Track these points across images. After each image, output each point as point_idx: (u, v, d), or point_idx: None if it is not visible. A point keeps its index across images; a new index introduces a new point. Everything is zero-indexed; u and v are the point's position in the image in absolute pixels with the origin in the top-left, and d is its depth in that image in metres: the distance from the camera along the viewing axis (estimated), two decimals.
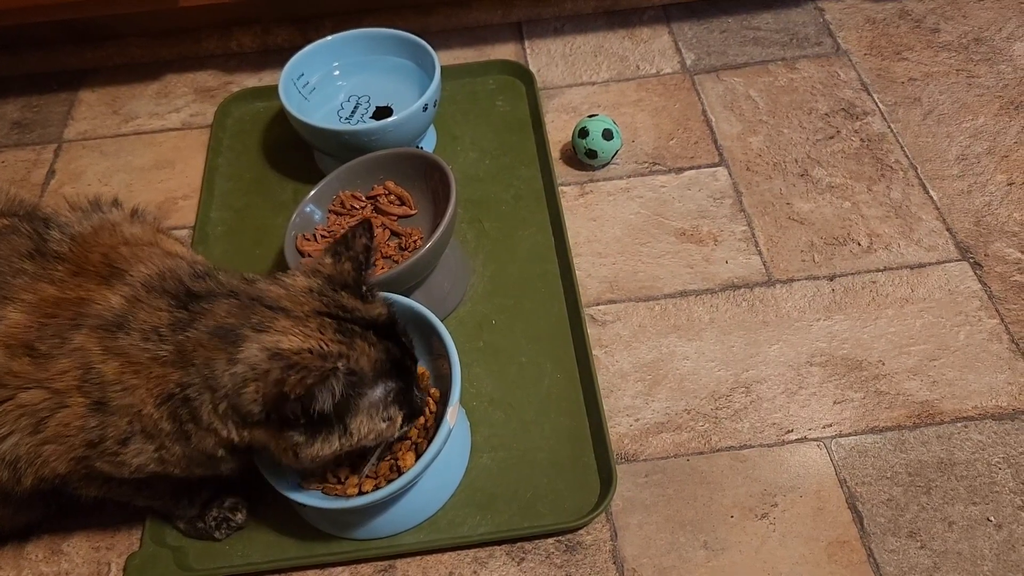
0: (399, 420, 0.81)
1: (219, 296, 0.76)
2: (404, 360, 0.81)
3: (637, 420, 1.01)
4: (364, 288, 0.82)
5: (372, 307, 0.80)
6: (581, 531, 0.92)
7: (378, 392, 0.78)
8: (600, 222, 1.21)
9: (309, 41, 1.30)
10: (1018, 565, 0.87)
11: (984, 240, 1.15)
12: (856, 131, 1.30)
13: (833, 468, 0.96)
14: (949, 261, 1.13)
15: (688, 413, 1.01)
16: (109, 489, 0.85)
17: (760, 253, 1.16)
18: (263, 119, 1.39)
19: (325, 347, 0.74)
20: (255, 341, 0.73)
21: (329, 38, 1.30)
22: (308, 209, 1.11)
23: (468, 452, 0.98)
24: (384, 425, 0.79)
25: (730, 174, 1.26)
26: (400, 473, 0.85)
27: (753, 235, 1.18)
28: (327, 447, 0.76)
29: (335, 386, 0.72)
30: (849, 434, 0.98)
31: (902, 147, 1.28)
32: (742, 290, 1.12)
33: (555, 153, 1.30)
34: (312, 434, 0.75)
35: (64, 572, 0.93)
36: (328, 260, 0.82)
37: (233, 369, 0.72)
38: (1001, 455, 0.95)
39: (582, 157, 1.27)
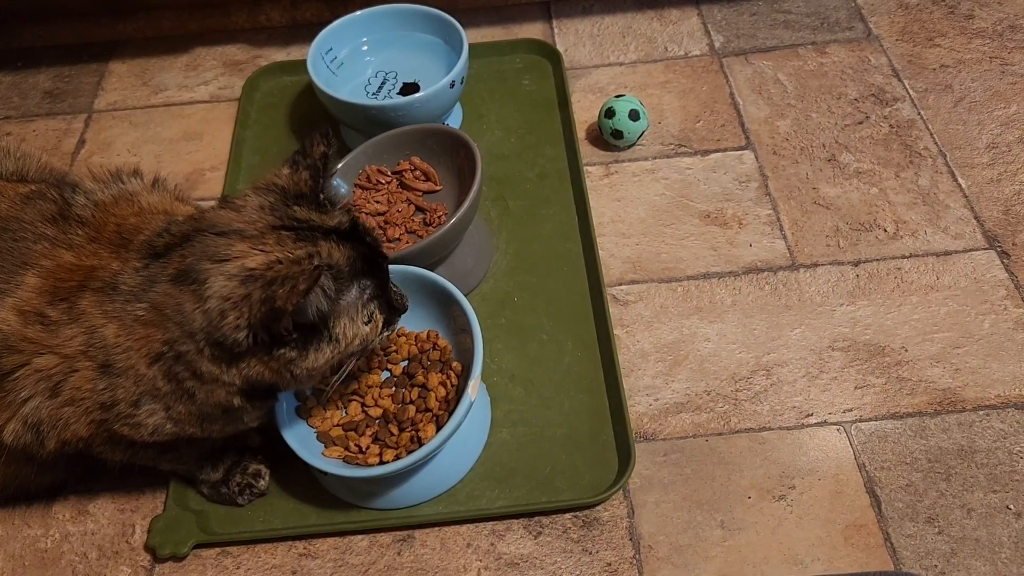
0: (380, 321, 0.80)
1: (174, 247, 0.75)
2: (375, 257, 0.80)
3: (657, 400, 1.01)
4: (322, 196, 0.80)
5: (331, 217, 0.78)
6: (598, 507, 0.93)
7: (354, 291, 0.77)
8: (624, 203, 1.21)
9: (337, 16, 1.30)
10: None
11: (1012, 229, 1.14)
12: (885, 117, 1.29)
13: (852, 452, 0.95)
14: (976, 249, 1.12)
15: (708, 394, 1.01)
16: (133, 454, 0.86)
17: (785, 237, 1.16)
18: (291, 93, 1.40)
19: (291, 254, 0.72)
20: (218, 272, 0.71)
21: (358, 13, 1.31)
22: (335, 183, 1.11)
23: (488, 426, 0.99)
24: (367, 328, 0.79)
25: (756, 158, 1.25)
26: (421, 444, 0.86)
27: (778, 219, 1.18)
28: (320, 357, 0.75)
29: (327, 285, 0.71)
30: (869, 419, 0.98)
31: (931, 134, 1.26)
32: (765, 273, 1.12)
33: (581, 133, 1.30)
34: (303, 346, 0.74)
35: (90, 532, 0.95)
36: (286, 170, 0.80)
37: (205, 306, 0.71)
38: (1023, 444, 0.95)
39: (608, 137, 1.26)
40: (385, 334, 0.83)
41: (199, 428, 0.80)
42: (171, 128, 1.37)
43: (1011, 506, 0.91)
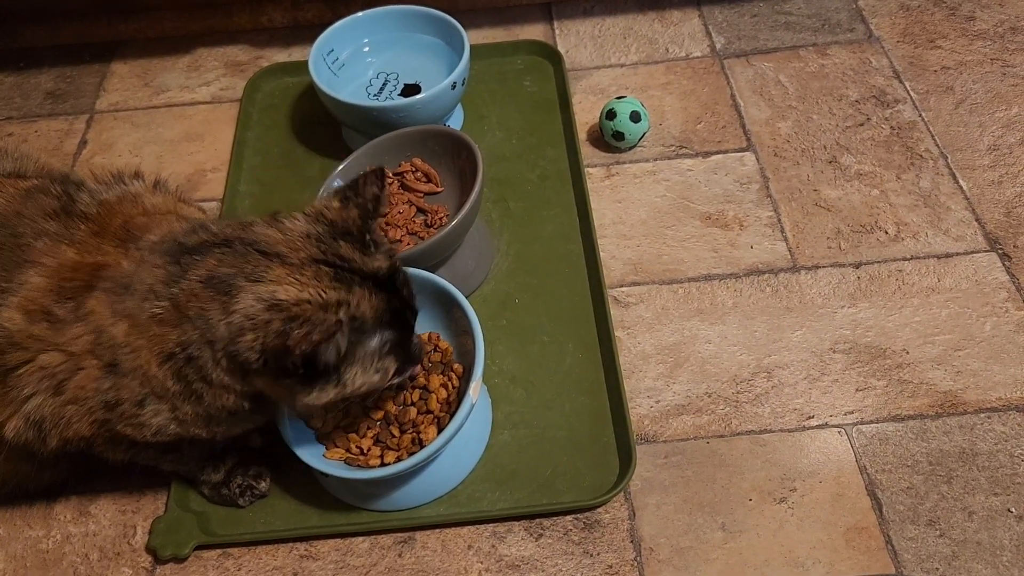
0: (392, 370, 0.80)
1: (211, 246, 0.75)
2: (404, 312, 0.80)
3: (658, 402, 1.01)
4: (368, 237, 0.80)
5: (373, 259, 0.78)
6: (599, 509, 0.93)
7: (375, 342, 0.77)
8: (625, 204, 1.21)
9: (339, 17, 1.30)
10: None
11: (1014, 232, 1.14)
12: (887, 119, 1.29)
13: (853, 455, 0.95)
14: (977, 252, 1.12)
15: (709, 396, 1.01)
16: (135, 453, 0.86)
17: (786, 239, 1.16)
18: (292, 94, 1.40)
19: (323, 295, 0.72)
20: (250, 291, 0.72)
21: (359, 14, 1.31)
22: (335, 184, 1.11)
23: (489, 428, 0.99)
24: (377, 377, 0.78)
25: (757, 159, 1.25)
26: (422, 446, 0.86)
27: (779, 221, 1.18)
28: (323, 396, 0.76)
29: (340, 341, 0.72)
30: (871, 421, 0.98)
31: (933, 136, 1.26)
32: (766, 275, 1.12)
33: (582, 134, 1.30)
34: (309, 383, 0.74)
35: (91, 533, 0.95)
36: (335, 204, 0.80)
37: (229, 319, 0.71)
38: None
39: (609, 139, 1.26)
40: (395, 381, 0.83)
41: (204, 429, 0.80)
42: (173, 129, 1.37)
43: (1012, 509, 0.90)
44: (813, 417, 0.99)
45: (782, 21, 1.45)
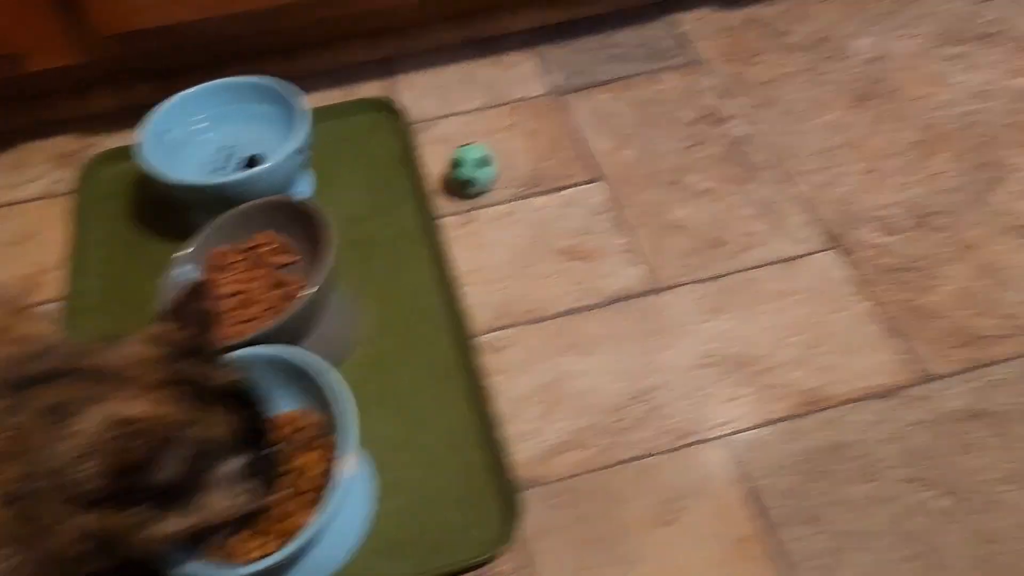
0: (258, 494, 0.78)
1: (56, 376, 0.71)
2: (262, 429, 0.79)
3: (541, 443, 1.01)
4: (212, 351, 0.79)
5: (224, 373, 0.77)
6: (496, 562, 0.92)
7: (235, 464, 0.75)
8: (486, 249, 1.22)
9: (172, 94, 1.26)
10: (911, 533, 0.91)
11: (849, 227, 1.21)
12: (721, 135, 1.35)
13: (733, 465, 0.98)
14: (820, 251, 1.18)
15: (590, 429, 1.02)
16: None
17: (643, 263, 1.18)
18: (130, 179, 1.34)
19: (176, 417, 0.70)
20: (91, 413, 0.68)
21: (191, 90, 1.27)
22: (186, 269, 1.07)
23: (371, 499, 0.96)
24: (244, 498, 0.76)
25: (607, 189, 1.29)
26: (297, 531, 0.82)
27: (635, 246, 1.21)
28: (182, 523, 0.72)
29: (181, 453, 0.68)
30: (745, 429, 1.01)
31: (765, 147, 1.33)
32: (630, 301, 1.14)
33: (434, 185, 1.30)
34: (162, 510, 0.70)
35: None
36: (165, 327, 0.78)
37: (67, 444, 0.67)
38: (886, 432, 0.99)
39: (460, 187, 1.27)
40: (263, 502, 0.81)
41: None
42: (1, 232, 1.29)
43: (883, 493, 0.94)
44: (691, 434, 1.01)
45: (613, 54, 1.50)
